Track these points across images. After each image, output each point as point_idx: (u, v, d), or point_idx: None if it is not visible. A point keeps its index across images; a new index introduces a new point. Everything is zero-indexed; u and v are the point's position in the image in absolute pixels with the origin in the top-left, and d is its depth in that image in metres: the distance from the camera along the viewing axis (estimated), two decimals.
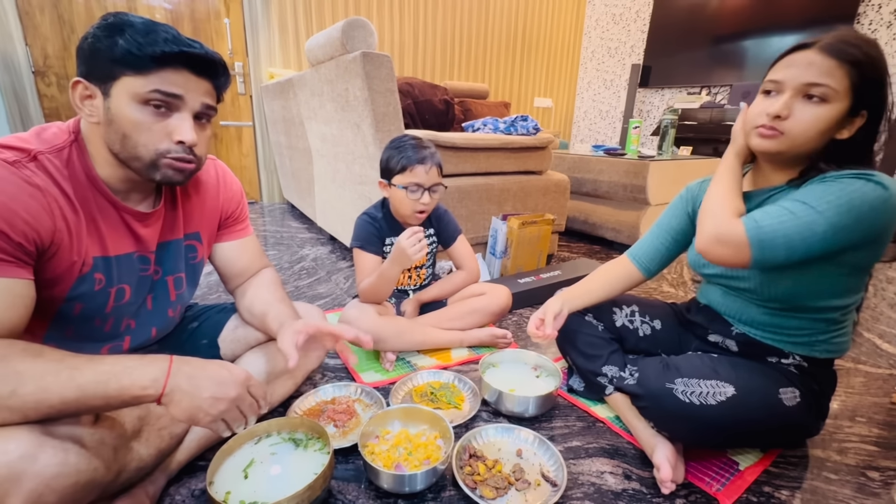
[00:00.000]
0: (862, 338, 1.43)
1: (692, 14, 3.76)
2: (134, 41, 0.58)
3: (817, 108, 0.69)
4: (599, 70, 4.71)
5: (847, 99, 0.68)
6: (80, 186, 0.63)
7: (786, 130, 0.71)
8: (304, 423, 0.79)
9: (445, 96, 2.21)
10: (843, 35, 0.70)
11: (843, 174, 0.68)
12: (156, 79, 0.60)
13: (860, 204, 0.64)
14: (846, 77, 0.68)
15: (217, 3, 2.89)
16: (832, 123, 0.70)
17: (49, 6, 2.44)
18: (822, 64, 0.69)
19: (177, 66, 0.61)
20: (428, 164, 1.13)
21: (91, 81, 0.60)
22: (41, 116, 2.52)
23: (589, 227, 2.50)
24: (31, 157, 0.58)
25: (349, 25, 1.53)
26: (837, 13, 3.01)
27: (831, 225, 0.65)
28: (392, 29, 3.51)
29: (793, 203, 0.69)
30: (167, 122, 0.62)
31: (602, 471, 0.82)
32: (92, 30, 0.60)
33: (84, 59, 0.60)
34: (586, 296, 0.99)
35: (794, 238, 0.66)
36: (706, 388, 0.74)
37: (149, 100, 0.60)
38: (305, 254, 2.14)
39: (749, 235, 0.68)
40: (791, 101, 0.71)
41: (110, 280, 0.69)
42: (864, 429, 0.97)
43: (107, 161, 0.64)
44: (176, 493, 0.73)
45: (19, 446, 0.48)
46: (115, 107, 0.60)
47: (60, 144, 0.62)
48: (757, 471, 0.82)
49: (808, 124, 0.70)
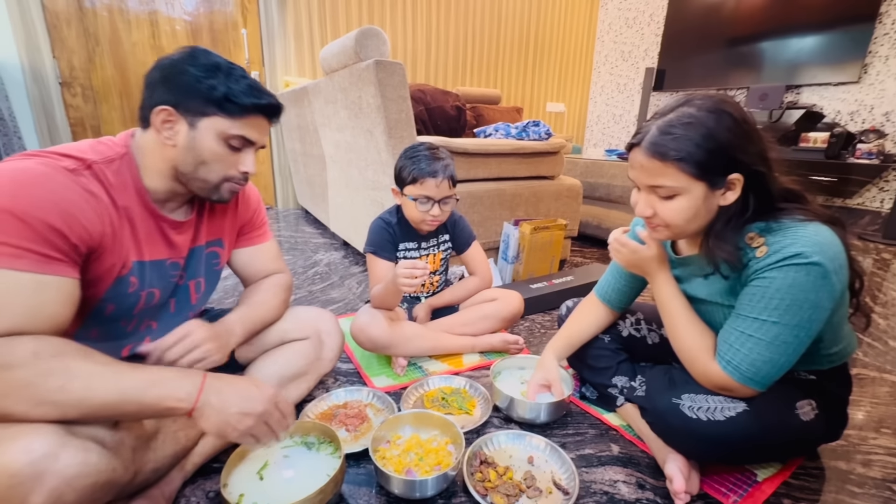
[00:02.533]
0: (888, 346, 1.38)
1: (707, 16, 3.72)
2: (230, 89, 0.67)
3: (673, 203, 0.69)
4: (613, 74, 4.68)
5: (697, 182, 0.66)
6: (125, 195, 0.68)
7: (663, 223, 0.72)
8: (316, 427, 0.80)
9: (457, 102, 2.23)
10: (668, 122, 0.67)
11: (767, 266, 0.65)
12: (241, 124, 0.70)
13: (805, 296, 0.63)
14: (680, 171, 0.66)
15: (235, 14, 2.97)
16: (697, 208, 0.68)
17: (75, 20, 2.53)
18: (650, 166, 0.68)
19: (257, 114, 0.71)
20: (439, 177, 1.12)
21: (178, 111, 0.67)
22: (67, 126, 2.61)
23: (602, 232, 2.48)
24: (86, 166, 0.63)
25: (362, 34, 1.55)
26: (858, 13, 2.95)
27: (793, 327, 0.65)
28: (405, 36, 3.55)
29: (745, 321, 0.68)
30: (238, 155, 0.73)
31: (615, 480, 0.81)
32: (187, 66, 0.67)
33: (175, 90, 0.67)
34: (572, 339, 1.00)
35: (773, 358, 0.67)
36: (714, 404, 0.72)
37: (231, 139, 0.70)
38: (319, 259, 2.16)
39: (735, 379, 0.69)
40: (649, 198, 0.72)
41: (143, 283, 0.72)
42: (890, 440, 0.93)
43: (159, 174, 0.71)
44: (191, 495, 0.74)
45: (43, 445, 0.49)
46: (200, 138, 0.68)
47: (112, 156, 0.67)
48: (776, 482, 0.80)
49: (675, 216, 0.70)
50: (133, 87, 2.77)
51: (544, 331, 1.44)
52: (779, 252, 0.64)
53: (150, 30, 2.74)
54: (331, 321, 0.95)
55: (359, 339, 1.12)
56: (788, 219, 0.68)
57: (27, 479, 0.48)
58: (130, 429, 0.62)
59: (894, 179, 2.96)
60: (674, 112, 0.68)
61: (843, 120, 3.18)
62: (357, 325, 1.12)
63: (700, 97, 0.69)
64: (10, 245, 0.53)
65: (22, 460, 0.48)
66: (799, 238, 0.64)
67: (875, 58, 2.99)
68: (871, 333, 1.48)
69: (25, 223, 0.54)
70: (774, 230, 0.67)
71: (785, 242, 0.65)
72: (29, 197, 0.55)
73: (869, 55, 3.00)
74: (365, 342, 1.12)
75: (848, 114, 3.15)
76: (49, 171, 0.58)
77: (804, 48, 3.21)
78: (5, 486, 0.47)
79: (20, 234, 0.54)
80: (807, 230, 0.65)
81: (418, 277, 0.98)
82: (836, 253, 0.64)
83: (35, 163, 0.58)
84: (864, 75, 3.04)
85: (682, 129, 0.65)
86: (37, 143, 2.51)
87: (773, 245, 0.66)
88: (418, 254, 1.26)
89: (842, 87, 3.15)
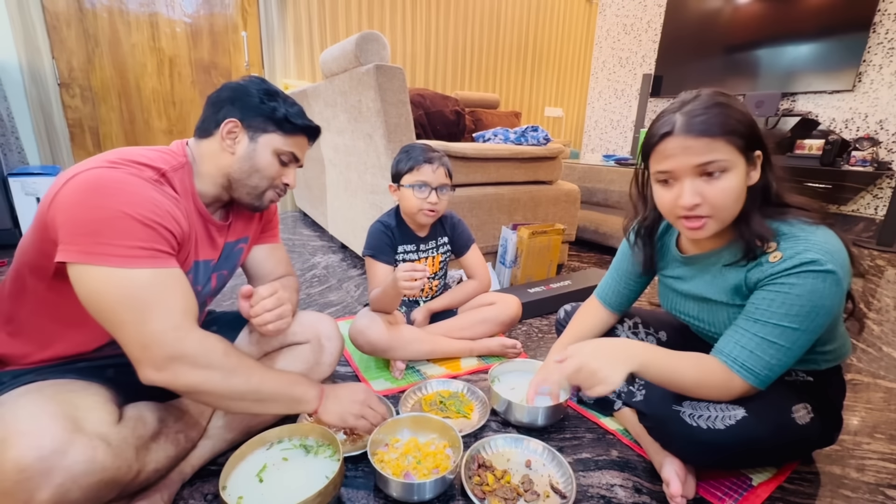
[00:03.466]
0: (881, 352, 1.40)
1: (704, 24, 3.76)
2: (288, 112, 0.77)
3: (723, 181, 0.68)
4: (610, 80, 4.72)
5: (741, 157, 0.68)
6: (187, 200, 0.74)
7: (710, 213, 0.69)
8: (314, 430, 0.80)
9: (456, 107, 2.24)
10: (696, 107, 0.68)
11: (785, 271, 0.66)
12: (292, 142, 0.80)
13: (822, 302, 0.65)
14: (729, 145, 0.67)
15: (235, 16, 2.97)
16: (742, 188, 0.69)
17: (75, 21, 2.53)
18: (697, 145, 0.67)
19: (304, 136, 0.82)
20: (435, 164, 1.16)
21: (243, 125, 0.76)
22: (65, 127, 2.60)
23: (599, 237, 2.49)
24: (162, 174, 0.68)
25: (363, 39, 1.56)
26: (852, 22, 2.99)
27: (810, 332, 0.67)
28: (404, 41, 3.56)
29: (765, 327, 0.68)
30: (283, 169, 0.81)
31: (612, 484, 0.81)
32: (252, 90, 0.76)
33: (242, 108, 0.75)
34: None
35: (787, 362, 0.69)
36: (714, 412, 0.72)
37: (282, 154, 0.79)
38: (317, 261, 2.16)
39: (757, 385, 0.70)
40: (694, 184, 0.69)
41: (196, 281, 0.79)
42: (883, 446, 0.94)
43: (211, 180, 0.77)
44: (189, 497, 0.74)
45: (52, 441, 0.50)
46: (259, 150, 0.77)
47: (177, 164, 0.73)
48: (771, 487, 0.81)
49: (725, 196, 0.68)
50: (132, 88, 2.77)
51: (542, 335, 1.45)
52: (793, 258, 0.66)
53: (150, 31, 2.75)
54: (331, 326, 0.95)
55: (357, 342, 1.12)
56: (795, 220, 0.69)
57: (35, 475, 0.48)
58: (134, 428, 0.63)
59: (888, 186, 2.99)
60: (692, 102, 0.69)
61: (837, 127, 3.21)
62: (356, 328, 1.13)
63: (704, 90, 0.71)
64: (144, 248, 0.60)
65: (32, 455, 0.48)
66: (812, 245, 0.65)
67: (869, 66, 3.03)
68: (865, 339, 1.49)
69: (148, 227, 0.61)
70: (785, 235, 0.69)
71: (798, 248, 0.66)
72: (141, 204, 0.61)
73: (863, 64, 3.04)
74: (363, 345, 1.12)
75: (842, 121, 3.19)
76: (141, 182, 0.63)
77: (800, 56, 3.25)
78: (13, 480, 0.47)
79: (149, 237, 0.61)
80: (816, 236, 0.66)
81: (418, 280, 0.98)
82: (844, 259, 0.66)
83: (125, 172, 0.62)
84: (858, 84, 3.08)
85: (716, 109, 0.67)
86: (35, 143, 2.50)
87: (787, 251, 0.67)
88: (417, 256, 1.26)
89: (836, 95, 3.19)
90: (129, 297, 0.58)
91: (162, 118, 2.90)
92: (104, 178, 0.59)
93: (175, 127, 2.95)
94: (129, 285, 0.58)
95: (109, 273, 0.57)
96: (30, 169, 2.33)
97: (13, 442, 0.49)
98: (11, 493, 0.48)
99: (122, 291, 0.58)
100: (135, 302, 0.58)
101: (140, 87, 2.79)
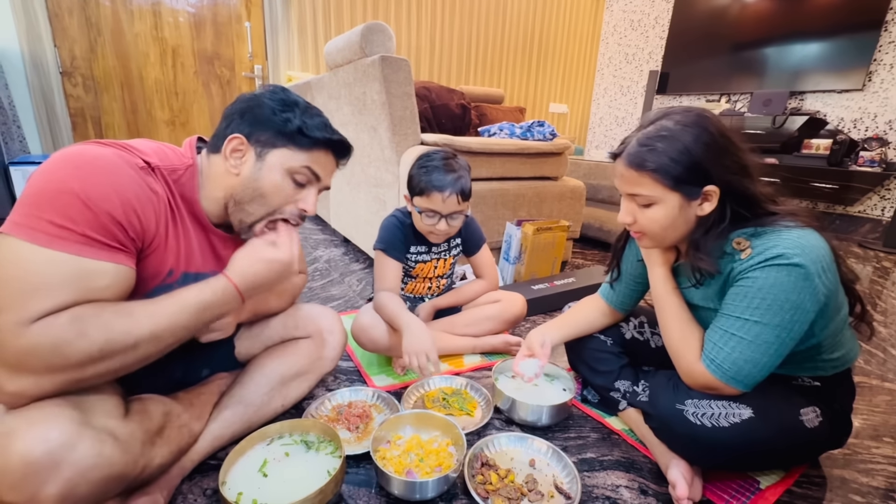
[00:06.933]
0: (888, 354, 1.38)
1: (712, 21, 3.72)
2: (304, 123, 0.68)
3: (650, 212, 0.72)
4: (616, 76, 4.68)
5: (672, 193, 0.69)
6: (182, 206, 0.69)
7: (642, 231, 0.76)
8: (316, 426, 0.79)
9: (462, 101, 2.22)
10: (647, 134, 0.70)
11: (751, 267, 0.67)
12: (308, 157, 0.70)
13: (786, 296, 0.64)
14: (655, 182, 0.69)
15: (238, 6, 2.95)
16: (674, 217, 0.71)
17: (77, 9, 2.51)
18: (629, 175, 0.72)
19: (326, 150, 0.72)
20: (447, 191, 1.06)
21: (250, 141, 0.68)
22: (67, 115, 2.59)
23: (604, 235, 2.48)
24: (150, 167, 0.64)
25: (368, 29, 1.54)
26: (863, 21, 2.95)
27: (774, 327, 0.66)
28: (409, 33, 3.53)
29: (728, 321, 0.70)
30: (300, 191, 0.72)
31: (617, 484, 0.80)
32: (265, 100, 0.68)
33: (250, 121, 0.68)
34: (565, 329, 1.00)
35: (755, 357, 0.68)
36: (718, 409, 0.71)
37: (297, 173, 0.70)
38: (319, 255, 2.15)
39: (718, 378, 0.70)
40: (629, 206, 0.75)
41: None
42: (892, 450, 0.93)
43: (214, 201, 0.71)
44: (189, 492, 0.73)
45: (60, 434, 0.49)
46: (265, 170, 0.68)
47: (175, 166, 0.68)
48: (779, 490, 0.79)
49: (652, 224, 0.73)
50: (134, 78, 2.75)
51: None
52: (762, 254, 0.67)
53: (153, 20, 2.72)
54: (334, 320, 0.93)
55: (360, 339, 1.11)
56: (777, 224, 0.69)
57: (43, 469, 0.47)
58: (141, 422, 0.62)
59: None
60: (653, 125, 0.71)
61: (846, 127, 3.18)
62: (358, 325, 1.11)
63: (679, 111, 0.71)
64: (72, 230, 0.53)
65: (40, 449, 0.47)
66: (782, 241, 0.66)
67: (880, 66, 3.00)
68: (872, 342, 1.47)
69: (90, 210, 0.54)
70: (760, 234, 0.69)
71: (768, 244, 0.67)
72: (98, 185, 0.55)
73: (874, 63, 3.00)
74: (366, 343, 1.11)
75: (851, 121, 3.16)
76: (121, 164, 0.58)
77: (808, 55, 3.21)
78: (21, 473, 0.46)
79: (85, 220, 0.54)
80: (791, 234, 0.66)
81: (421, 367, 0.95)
82: (819, 256, 0.65)
83: (112, 152, 0.59)
84: (868, 83, 3.05)
85: (659, 142, 0.68)
86: (36, 132, 2.49)
87: (757, 247, 0.68)
88: (429, 257, 1.23)
89: (846, 94, 3.15)
90: (19, 277, 0.50)
91: (164, 108, 2.88)
92: (82, 153, 0.56)
93: (177, 118, 2.93)
94: (27, 264, 0.50)
95: (20, 246, 0.50)
96: (31, 158, 2.32)
97: (20, 434, 0.48)
98: (18, 487, 0.46)
99: (18, 267, 0.50)
100: (20, 284, 0.50)
101: (142, 77, 2.77)
